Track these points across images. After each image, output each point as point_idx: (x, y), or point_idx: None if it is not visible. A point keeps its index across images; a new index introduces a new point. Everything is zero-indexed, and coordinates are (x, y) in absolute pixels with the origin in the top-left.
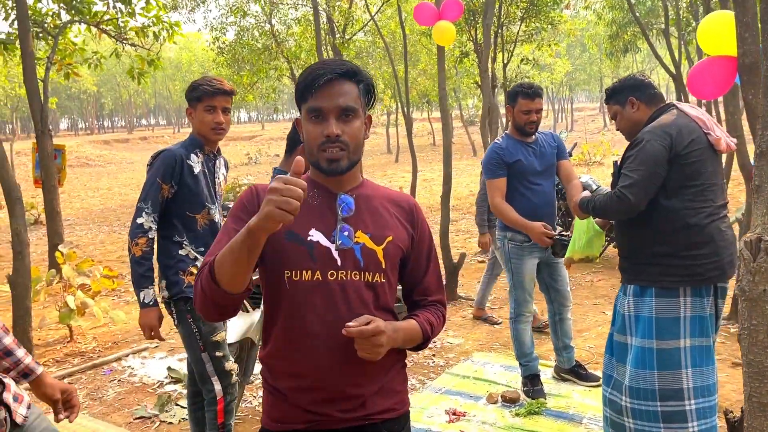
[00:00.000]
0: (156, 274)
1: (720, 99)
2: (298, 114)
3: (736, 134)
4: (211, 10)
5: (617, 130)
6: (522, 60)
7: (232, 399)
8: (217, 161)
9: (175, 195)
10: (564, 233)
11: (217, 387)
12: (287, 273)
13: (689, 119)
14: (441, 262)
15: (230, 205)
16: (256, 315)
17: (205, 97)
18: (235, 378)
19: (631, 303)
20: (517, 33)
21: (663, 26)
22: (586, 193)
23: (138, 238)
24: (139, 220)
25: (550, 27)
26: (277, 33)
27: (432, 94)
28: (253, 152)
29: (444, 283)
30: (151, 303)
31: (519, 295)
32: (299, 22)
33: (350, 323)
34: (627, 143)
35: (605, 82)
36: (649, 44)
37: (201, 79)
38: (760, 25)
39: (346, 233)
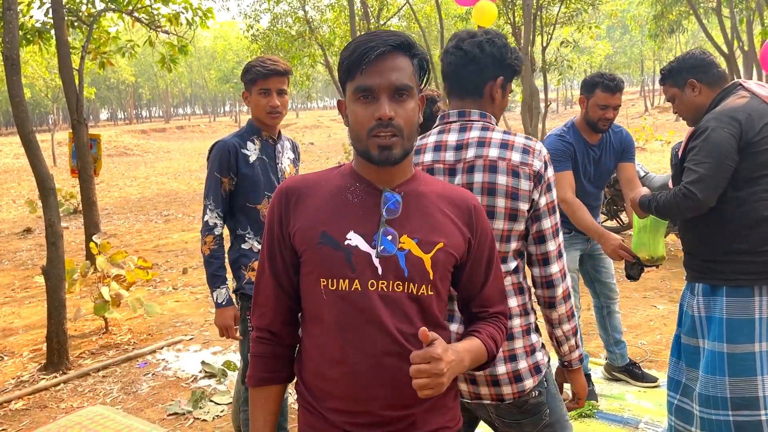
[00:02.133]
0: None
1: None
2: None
3: None
4: None
5: (675, 113)
6: (561, 42)
7: None
8: (278, 146)
9: (236, 186)
10: (648, 263)
11: None
12: (323, 281)
13: (760, 101)
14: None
15: None
16: None
17: (259, 80)
18: None
19: (701, 303)
20: (557, 15)
21: (710, 5)
22: (645, 191)
23: (205, 236)
24: (205, 218)
25: (591, 8)
26: (311, 19)
27: None
28: None
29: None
30: (224, 303)
31: None
32: (333, 8)
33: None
34: (674, 127)
35: (646, 65)
36: (700, 23)
37: (255, 60)
38: None
39: (389, 237)
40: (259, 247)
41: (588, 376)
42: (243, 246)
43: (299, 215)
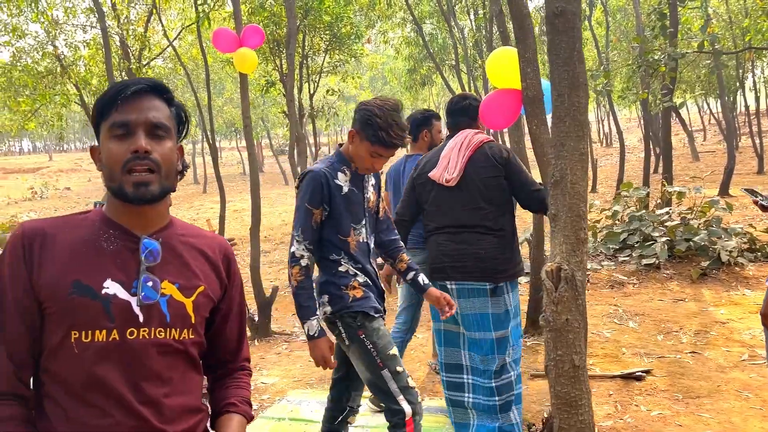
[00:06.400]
0: (316, 291)
1: (506, 129)
2: (95, 142)
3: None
4: None
5: None
6: (327, 90)
7: (421, 417)
8: (365, 176)
9: (327, 218)
10: None
11: (405, 406)
12: (75, 334)
13: (438, 153)
14: (252, 297)
15: None
16: None
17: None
18: (420, 395)
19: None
20: (322, 64)
21: (454, 63)
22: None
23: (292, 267)
24: (292, 249)
25: (353, 59)
26: (62, 56)
27: (239, 122)
28: (38, 186)
29: (256, 319)
30: (316, 335)
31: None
32: (88, 45)
33: None
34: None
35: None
36: (443, 78)
37: (384, 122)
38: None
39: (150, 284)
40: (355, 270)
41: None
42: (340, 269)
43: (45, 263)
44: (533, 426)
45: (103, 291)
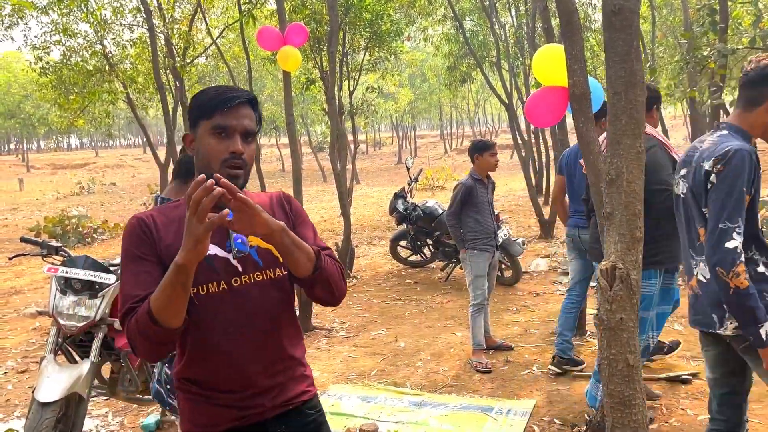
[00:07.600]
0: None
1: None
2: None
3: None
4: (30, 28)
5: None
6: (367, 88)
7: None
8: None
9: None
10: None
11: None
12: (194, 290)
13: None
14: (295, 293)
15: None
16: (85, 366)
17: None
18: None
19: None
20: (362, 62)
21: (495, 59)
22: None
23: (736, 266)
24: (728, 244)
25: (392, 57)
26: (110, 55)
27: (279, 120)
28: (85, 181)
29: (298, 313)
30: None
31: None
32: (135, 43)
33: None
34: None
35: (444, 110)
36: (484, 76)
37: None
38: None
39: (239, 240)
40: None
41: None
42: (758, 269)
43: (162, 236)
44: (576, 426)
45: (206, 253)
